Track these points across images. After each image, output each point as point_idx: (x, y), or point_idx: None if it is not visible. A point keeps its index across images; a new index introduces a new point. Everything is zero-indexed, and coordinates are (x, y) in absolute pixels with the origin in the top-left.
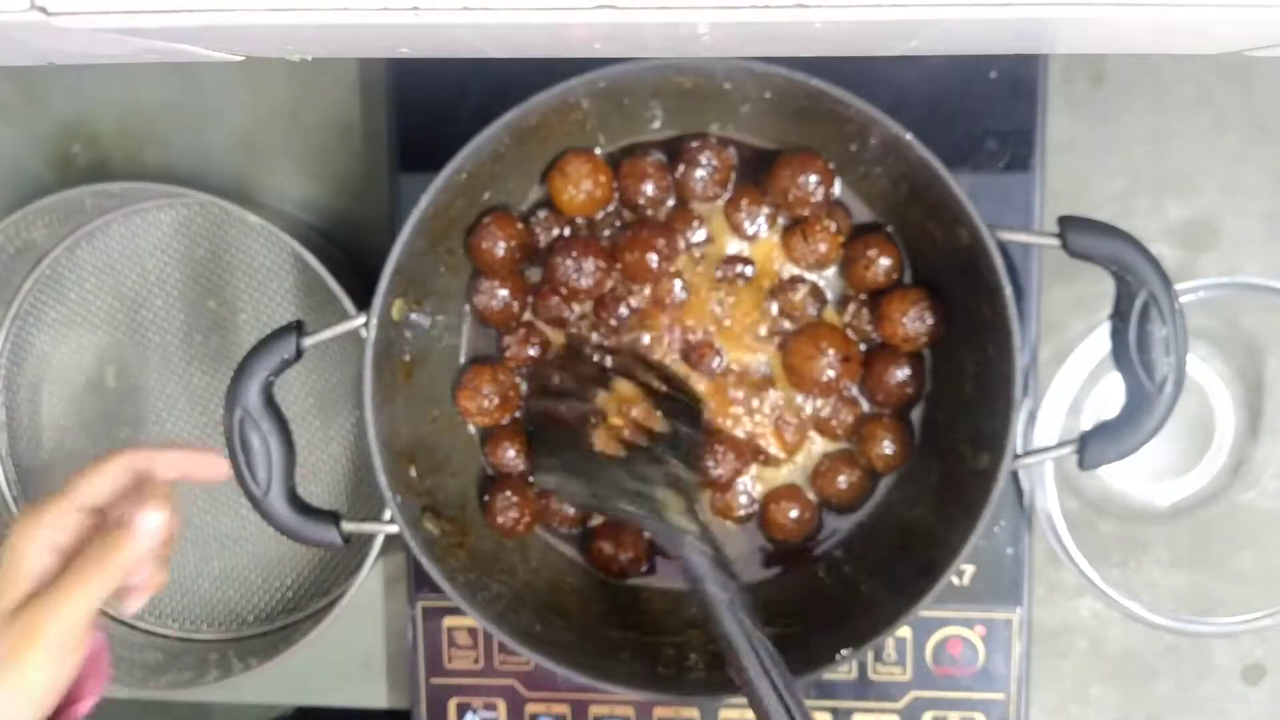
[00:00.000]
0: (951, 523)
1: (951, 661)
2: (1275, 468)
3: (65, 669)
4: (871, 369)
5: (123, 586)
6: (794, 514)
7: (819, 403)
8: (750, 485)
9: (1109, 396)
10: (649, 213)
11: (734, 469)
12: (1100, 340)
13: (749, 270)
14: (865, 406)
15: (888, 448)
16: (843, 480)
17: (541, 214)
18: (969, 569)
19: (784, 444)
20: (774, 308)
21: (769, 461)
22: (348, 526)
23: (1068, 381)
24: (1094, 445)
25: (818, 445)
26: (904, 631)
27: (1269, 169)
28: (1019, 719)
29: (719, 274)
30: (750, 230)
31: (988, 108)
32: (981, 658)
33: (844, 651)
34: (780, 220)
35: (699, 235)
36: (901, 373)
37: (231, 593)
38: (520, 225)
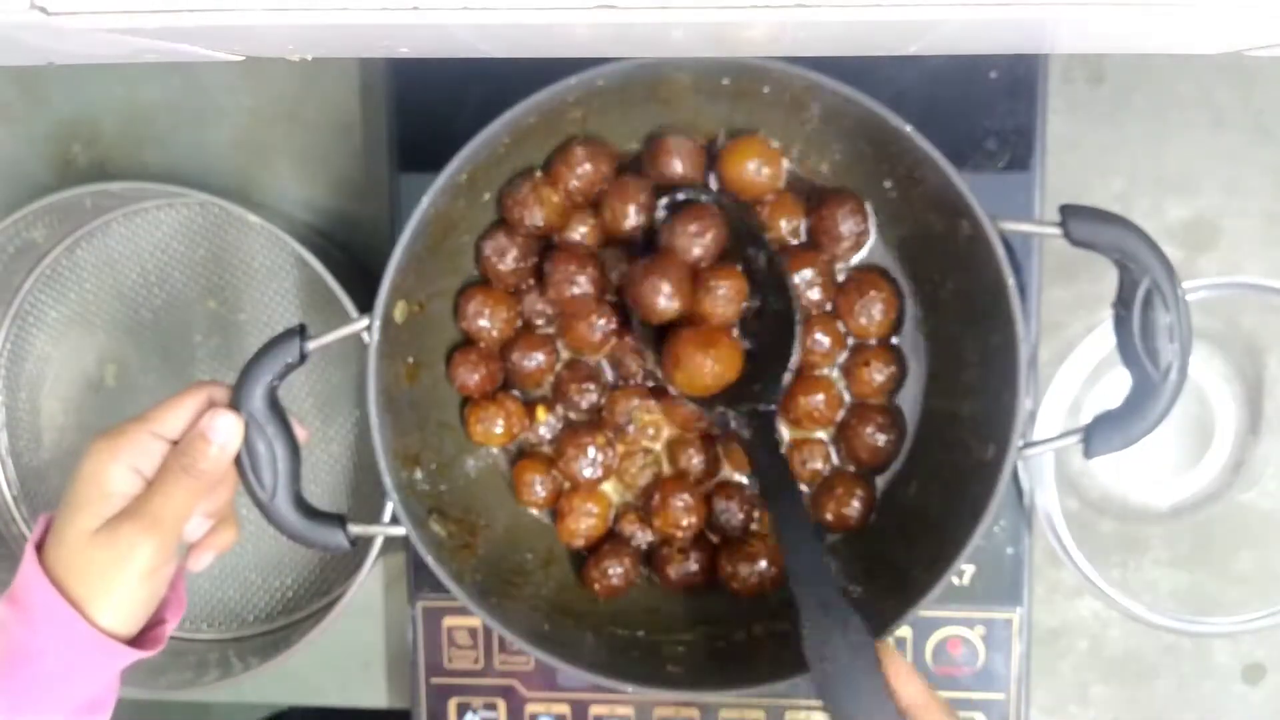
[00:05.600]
0: (957, 516)
1: (951, 661)
2: (1275, 468)
3: (159, 583)
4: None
5: (190, 544)
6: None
7: None
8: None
9: (1109, 396)
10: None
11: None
12: (1100, 340)
13: None
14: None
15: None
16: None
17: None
18: (969, 569)
19: None
20: None
21: None
22: (354, 529)
23: (1068, 381)
24: (1099, 434)
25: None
26: (904, 631)
27: (1269, 169)
28: (1019, 719)
29: None
30: None
31: (988, 108)
32: (981, 658)
33: None
34: None
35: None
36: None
37: (231, 593)
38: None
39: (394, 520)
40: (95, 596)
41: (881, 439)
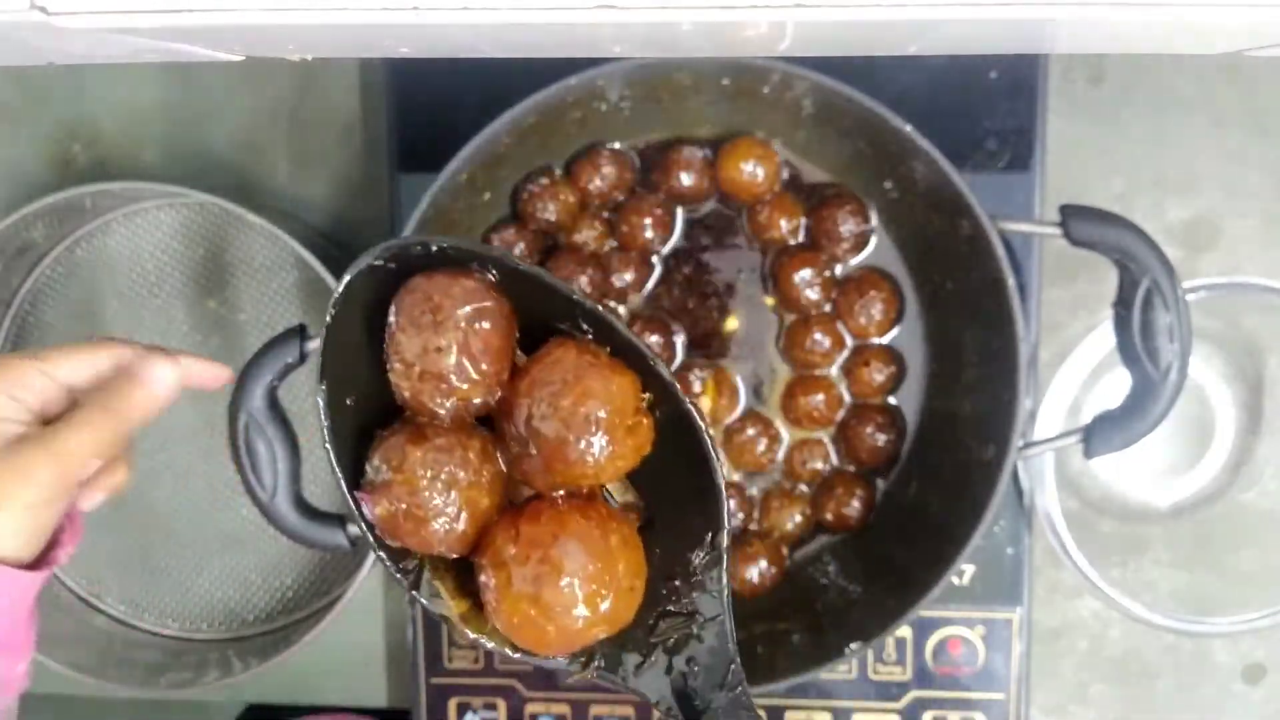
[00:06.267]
0: (958, 515)
1: (951, 661)
2: (1275, 468)
3: (52, 515)
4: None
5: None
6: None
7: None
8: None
9: (1109, 396)
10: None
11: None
12: (1100, 340)
13: None
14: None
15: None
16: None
17: None
18: (969, 569)
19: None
20: None
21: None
22: (354, 529)
23: (1068, 381)
24: (1100, 433)
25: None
26: (904, 631)
27: (1269, 169)
28: (1019, 719)
29: None
30: None
31: (988, 108)
32: (981, 658)
33: (853, 645)
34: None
35: None
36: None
37: (231, 593)
38: None
39: None
40: None
41: (881, 439)
